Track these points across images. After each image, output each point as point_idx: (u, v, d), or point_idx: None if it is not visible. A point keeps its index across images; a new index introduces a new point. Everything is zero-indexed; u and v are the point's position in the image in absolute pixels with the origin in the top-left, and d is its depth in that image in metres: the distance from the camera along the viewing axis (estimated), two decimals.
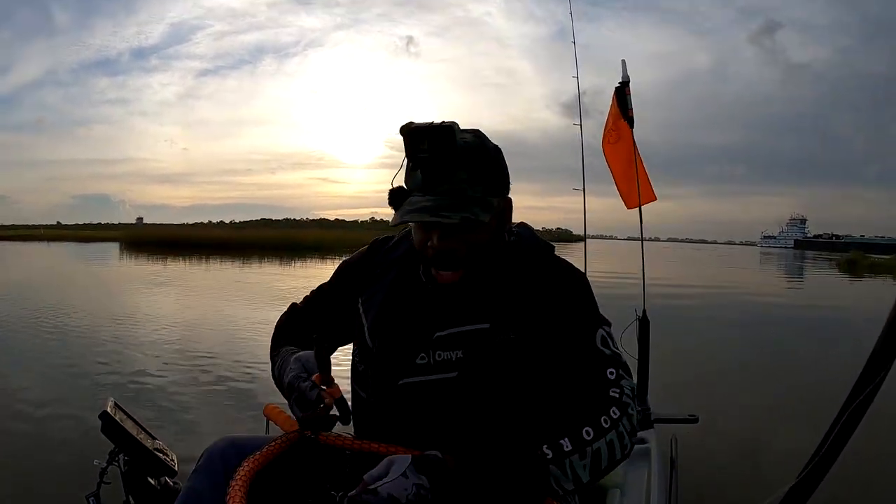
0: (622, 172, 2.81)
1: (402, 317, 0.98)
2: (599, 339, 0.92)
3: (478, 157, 0.92)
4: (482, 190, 0.91)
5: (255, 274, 15.47)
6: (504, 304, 0.93)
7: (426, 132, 0.87)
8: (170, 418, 3.38)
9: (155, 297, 9.54)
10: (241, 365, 4.70)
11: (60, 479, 2.49)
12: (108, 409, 1.22)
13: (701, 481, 2.52)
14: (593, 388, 0.87)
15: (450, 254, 0.92)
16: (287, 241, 28.03)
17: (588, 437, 0.82)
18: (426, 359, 0.92)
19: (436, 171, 0.89)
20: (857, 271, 21.86)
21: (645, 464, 1.59)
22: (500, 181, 0.96)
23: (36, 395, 3.80)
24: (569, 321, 0.92)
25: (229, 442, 0.97)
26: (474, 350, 0.90)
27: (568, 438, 0.81)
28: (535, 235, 1.05)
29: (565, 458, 0.80)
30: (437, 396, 0.90)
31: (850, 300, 12.08)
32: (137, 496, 1.22)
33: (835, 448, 1.15)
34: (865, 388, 1.20)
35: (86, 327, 6.33)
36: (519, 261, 0.98)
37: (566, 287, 0.96)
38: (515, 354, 0.90)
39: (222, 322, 7.05)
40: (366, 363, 0.99)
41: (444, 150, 0.88)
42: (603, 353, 0.91)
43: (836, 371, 3.57)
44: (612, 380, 0.88)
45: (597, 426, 0.83)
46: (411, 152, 0.90)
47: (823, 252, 64.52)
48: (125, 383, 4.13)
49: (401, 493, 0.74)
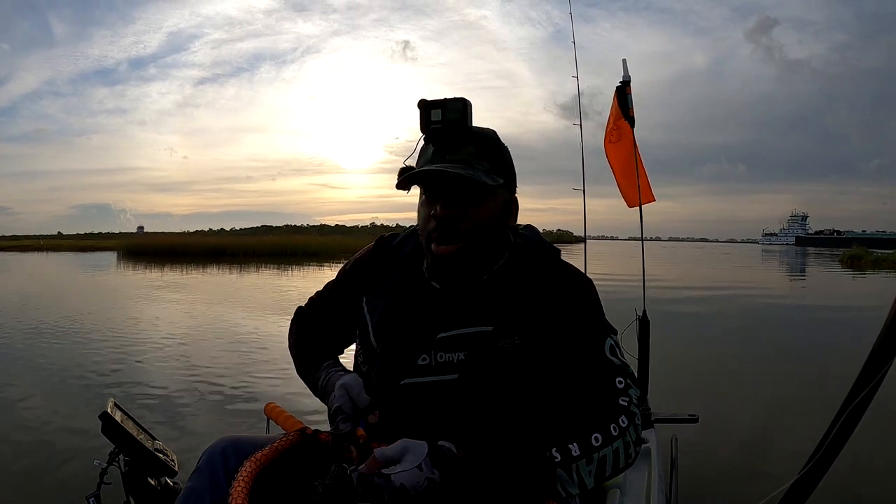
0: (623, 171, 2.82)
1: (406, 317, 0.97)
2: (608, 348, 0.92)
3: (487, 139, 0.95)
4: (489, 167, 0.93)
5: (250, 279, 15.48)
6: (508, 307, 0.92)
7: (440, 102, 0.91)
8: (154, 419, 3.38)
9: (146, 305, 9.52)
10: (227, 371, 4.70)
11: (60, 479, 2.50)
12: (108, 410, 1.22)
13: (701, 481, 2.53)
14: (603, 396, 0.88)
15: (451, 222, 0.92)
16: (282, 248, 27.98)
17: (597, 443, 0.82)
18: (428, 360, 0.92)
19: (447, 140, 0.92)
20: (860, 267, 21.48)
21: (645, 464, 1.59)
22: (506, 171, 0.97)
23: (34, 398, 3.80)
24: (578, 329, 0.92)
25: (229, 442, 0.97)
26: (476, 352, 0.90)
27: (577, 443, 0.82)
28: (542, 238, 1.04)
29: (573, 463, 0.80)
30: (438, 398, 0.90)
31: (858, 299, 11.63)
32: (138, 496, 1.22)
33: (835, 446, 1.15)
34: (865, 387, 1.20)
35: (63, 332, 6.32)
36: (525, 263, 0.98)
37: (574, 293, 0.95)
38: (518, 358, 0.90)
39: (212, 328, 7.06)
40: (369, 363, 0.99)
41: (456, 120, 0.90)
42: (612, 362, 0.91)
43: (837, 371, 3.57)
44: (620, 389, 0.89)
45: (606, 433, 0.84)
46: (425, 124, 0.92)
47: (825, 248, 64.42)
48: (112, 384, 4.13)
49: (413, 486, 0.74)
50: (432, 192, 0.94)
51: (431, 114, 0.91)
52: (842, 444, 1.14)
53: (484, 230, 0.94)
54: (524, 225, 1.06)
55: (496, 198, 0.95)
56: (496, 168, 0.94)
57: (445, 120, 0.90)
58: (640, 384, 2.37)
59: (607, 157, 2.86)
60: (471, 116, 0.91)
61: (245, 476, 0.80)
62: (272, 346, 5.42)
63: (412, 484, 0.73)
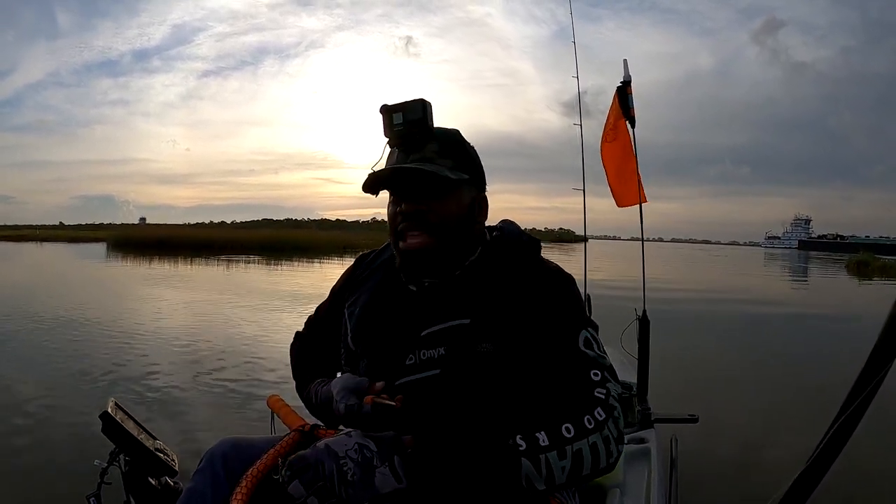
0: (616, 171, 2.82)
1: (385, 318, 0.98)
2: (583, 340, 0.90)
3: (449, 138, 0.97)
4: (452, 164, 0.94)
5: (237, 275, 15.44)
6: (485, 299, 0.92)
7: (400, 106, 0.92)
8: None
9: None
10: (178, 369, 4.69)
11: (61, 479, 2.50)
12: (108, 410, 1.22)
13: (701, 481, 2.52)
14: (576, 387, 0.85)
15: (416, 216, 0.93)
16: (272, 242, 27.90)
17: (568, 434, 0.80)
18: (413, 359, 0.93)
19: (410, 141, 0.93)
20: (867, 274, 20.46)
21: (645, 464, 1.59)
22: (471, 167, 0.98)
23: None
24: (552, 322, 0.91)
25: (231, 443, 0.98)
26: (455, 346, 0.90)
27: (545, 432, 0.79)
28: (521, 231, 1.05)
29: (540, 454, 0.78)
30: (424, 394, 0.90)
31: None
32: (138, 496, 1.22)
33: (834, 448, 1.15)
34: (866, 387, 1.20)
35: None
36: (501, 256, 0.98)
37: (551, 287, 0.95)
38: (496, 351, 0.89)
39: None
40: (351, 365, 1.00)
41: (417, 120, 0.92)
42: (586, 354, 0.89)
43: (838, 372, 3.57)
44: (596, 381, 0.86)
45: (579, 425, 0.81)
46: (387, 129, 0.93)
47: (828, 253, 64.16)
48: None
49: (339, 447, 0.75)
50: (397, 191, 0.96)
51: (393, 118, 0.92)
52: (842, 445, 1.14)
53: (449, 224, 0.94)
54: (503, 220, 1.07)
55: (460, 193, 0.96)
56: (460, 165, 0.96)
57: (407, 122, 0.92)
58: (640, 384, 2.38)
59: (602, 157, 2.87)
60: (431, 116, 0.92)
61: (244, 489, 0.80)
62: (226, 337, 5.41)
63: (339, 446, 0.76)
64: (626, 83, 2.71)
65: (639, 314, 2.55)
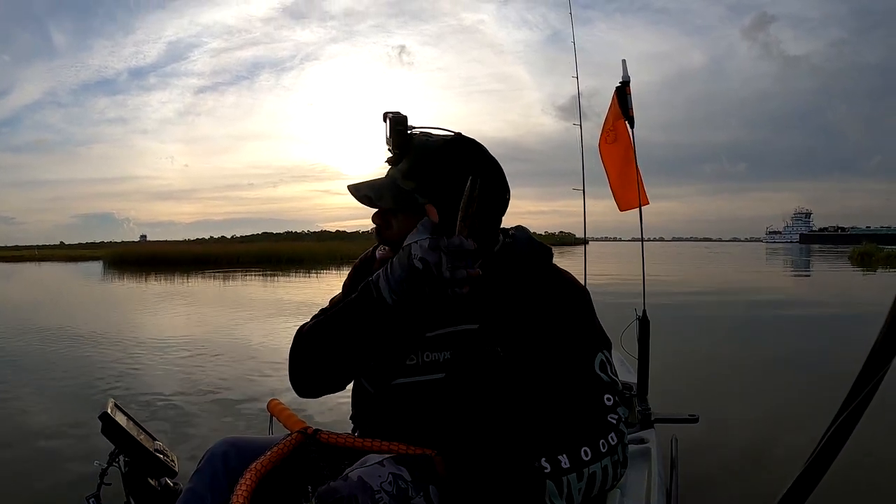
0: (618, 173, 2.80)
1: None
2: (598, 363, 0.90)
3: (424, 156, 0.92)
4: (414, 187, 0.90)
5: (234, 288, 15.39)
6: (495, 305, 0.92)
7: (386, 119, 0.93)
8: None
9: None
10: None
11: (60, 479, 2.50)
12: (108, 411, 1.22)
13: (701, 481, 2.52)
14: (591, 411, 0.87)
15: (378, 231, 0.96)
16: (268, 255, 28.03)
17: (586, 457, 0.81)
18: (415, 360, 0.92)
19: (392, 154, 0.94)
20: (871, 264, 20.17)
21: (645, 464, 1.59)
22: (438, 187, 0.91)
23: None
24: (567, 339, 0.90)
25: (230, 443, 0.98)
26: (462, 351, 0.90)
27: (566, 455, 0.81)
28: (532, 238, 1.03)
29: (563, 476, 0.79)
30: (427, 397, 0.90)
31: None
32: (138, 497, 1.22)
33: (833, 447, 1.14)
34: (865, 386, 1.19)
35: None
36: (513, 263, 0.97)
37: (566, 301, 0.94)
38: (504, 358, 0.89)
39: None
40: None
41: (395, 137, 0.92)
42: (601, 378, 0.89)
43: (838, 371, 3.57)
44: (609, 406, 0.87)
45: (595, 449, 0.82)
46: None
47: (830, 245, 63.80)
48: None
49: (373, 480, 0.73)
50: (367, 205, 0.98)
51: (385, 128, 0.94)
52: (841, 444, 1.14)
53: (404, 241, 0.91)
54: (514, 226, 1.05)
55: (419, 209, 0.90)
56: (425, 188, 0.90)
57: (388, 138, 0.93)
58: (640, 384, 2.37)
59: (601, 158, 2.85)
60: (405, 130, 0.92)
61: (244, 488, 0.80)
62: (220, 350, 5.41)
63: (373, 478, 0.73)
64: (625, 83, 2.70)
65: (639, 314, 2.55)
